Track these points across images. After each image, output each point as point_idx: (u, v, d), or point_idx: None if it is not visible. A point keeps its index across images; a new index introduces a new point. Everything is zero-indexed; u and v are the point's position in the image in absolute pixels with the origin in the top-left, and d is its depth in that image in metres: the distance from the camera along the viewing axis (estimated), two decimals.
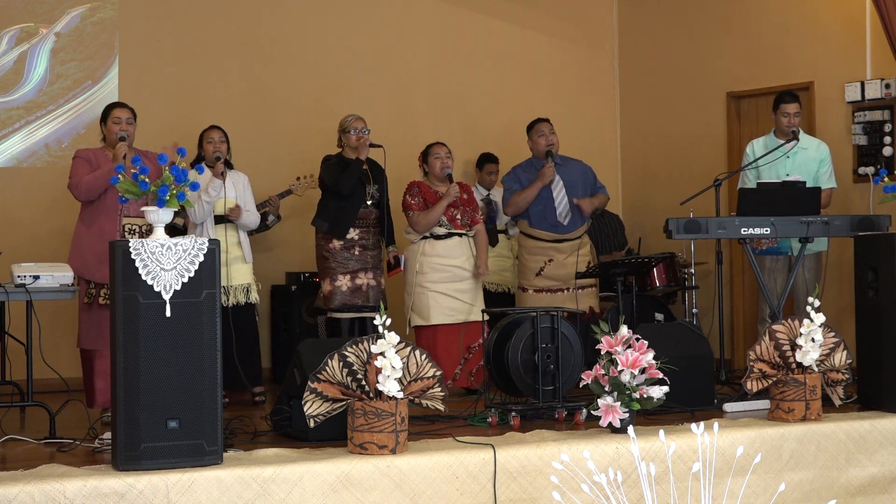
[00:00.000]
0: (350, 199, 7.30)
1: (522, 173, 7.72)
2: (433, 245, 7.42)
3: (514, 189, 7.70)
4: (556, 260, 7.62)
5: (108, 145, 6.52)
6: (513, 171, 7.81)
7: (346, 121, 7.42)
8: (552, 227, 7.66)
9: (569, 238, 7.69)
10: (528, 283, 7.75)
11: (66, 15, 8.33)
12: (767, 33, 8.87)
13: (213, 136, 7.19)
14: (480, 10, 9.69)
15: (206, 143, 7.20)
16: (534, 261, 7.71)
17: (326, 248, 7.34)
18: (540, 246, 7.67)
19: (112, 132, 6.47)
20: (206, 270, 4.74)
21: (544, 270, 7.64)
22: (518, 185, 7.69)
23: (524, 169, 7.75)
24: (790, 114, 7.37)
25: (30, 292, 5.88)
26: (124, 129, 6.44)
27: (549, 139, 7.70)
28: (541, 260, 7.67)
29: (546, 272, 7.63)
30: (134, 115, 6.55)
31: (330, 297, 7.30)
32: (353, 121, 7.38)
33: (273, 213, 8.21)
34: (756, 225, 6.63)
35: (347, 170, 7.26)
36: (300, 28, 9.08)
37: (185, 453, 4.65)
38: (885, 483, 5.73)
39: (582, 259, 7.71)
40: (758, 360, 5.79)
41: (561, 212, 7.66)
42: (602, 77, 10.12)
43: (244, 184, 7.29)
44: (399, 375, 4.88)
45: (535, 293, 7.69)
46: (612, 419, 5.30)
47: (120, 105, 6.64)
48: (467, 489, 4.94)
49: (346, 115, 7.46)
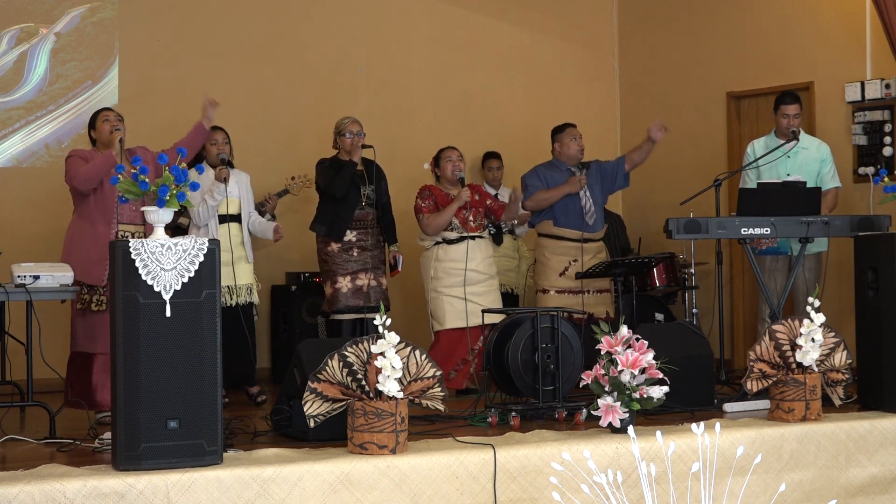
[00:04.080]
0: (345, 202, 7.30)
1: (546, 172, 7.68)
2: (446, 250, 7.41)
3: (538, 186, 7.64)
4: (579, 261, 7.58)
5: (101, 146, 6.55)
6: (535, 170, 7.74)
7: (341, 123, 7.40)
8: (579, 226, 7.63)
9: (594, 238, 7.68)
10: (550, 284, 7.66)
11: (66, 15, 8.33)
12: (767, 33, 8.87)
13: (216, 138, 7.19)
14: (480, 10, 9.69)
15: (209, 145, 7.21)
16: (558, 261, 7.65)
17: (326, 251, 7.35)
18: (566, 246, 7.62)
19: (104, 130, 6.51)
20: (206, 270, 4.74)
21: (568, 271, 7.61)
22: (542, 183, 7.65)
23: (548, 168, 7.72)
24: (790, 115, 7.37)
25: (30, 292, 5.88)
26: (115, 125, 6.50)
27: (579, 143, 7.68)
28: (565, 260, 7.62)
29: (570, 273, 7.61)
30: (121, 118, 6.59)
31: (333, 300, 7.30)
32: (348, 123, 7.37)
33: (269, 213, 8.22)
34: (756, 225, 6.63)
35: (340, 173, 7.26)
36: (300, 28, 9.08)
37: (185, 453, 4.65)
38: (885, 483, 5.73)
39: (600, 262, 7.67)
40: (758, 360, 5.79)
41: (588, 213, 7.64)
42: (602, 77, 10.12)
43: (247, 184, 7.30)
44: (399, 375, 4.88)
45: (558, 294, 7.62)
46: (612, 419, 5.30)
47: (105, 109, 6.75)
48: (467, 489, 4.94)
49: (342, 118, 7.43)
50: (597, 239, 7.74)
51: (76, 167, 6.40)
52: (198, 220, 7.02)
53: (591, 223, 7.65)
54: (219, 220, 7.06)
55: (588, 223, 7.64)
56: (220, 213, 7.06)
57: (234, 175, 7.17)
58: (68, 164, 6.49)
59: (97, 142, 6.60)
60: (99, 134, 6.56)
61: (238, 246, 7.12)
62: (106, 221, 6.42)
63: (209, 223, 7.03)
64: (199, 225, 7.05)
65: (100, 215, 6.41)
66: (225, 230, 7.04)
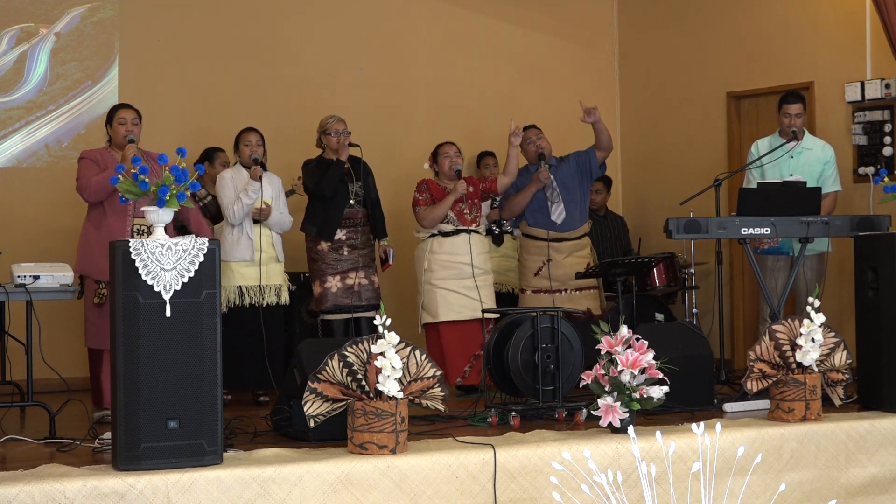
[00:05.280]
0: (334, 201, 7.30)
1: (518, 178, 7.73)
2: (441, 242, 7.44)
3: (508, 193, 7.73)
4: (554, 260, 7.62)
5: (115, 146, 6.53)
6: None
7: (326, 122, 7.40)
8: (548, 226, 7.66)
9: (567, 238, 7.69)
10: (527, 284, 7.77)
11: (66, 15, 8.32)
12: (767, 33, 8.87)
13: (250, 139, 7.23)
14: (480, 10, 9.69)
15: (242, 146, 7.24)
16: (532, 261, 7.73)
17: (315, 251, 7.35)
18: (538, 245, 7.68)
19: (119, 134, 6.49)
20: (207, 270, 4.74)
21: (542, 271, 7.64)
22: (513, 189, 7.71)
23: (519, 174, 7.76)
24: (791, 114, 7.37)
25: (30, 292, 5.88)
26: (130, 130, 6.46)
27: (537, 144, 7.72)
28: (539, 260, 7.67)
29: (544, 273, 7.63)
30: (139, 115, 6.56)
31: (321, 300, 7.31)
32: (333, 122, 7.37)
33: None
34: (756, 225, 6.63)
35: (328, 172, 7.26)
36: (300, 28, 9.07)
37: (185, 453, 4.65)
38: (885, 483, 5.73)
39: (581, 260, 7.72)
40: (758, 360, 5.79)
41: (553, 211, 7.67)
42: (602, 77, 10.12)
43: (278, 186, 7.32)
44: (399, 375, 4.88)
45: (534, 294, 7.69)
46: (612, 419, 5.30)
47: (125, 106, 6.66)
48: (467, 489, 4.94)
49: (327, 117, 7.43)
50: (571, 238, 7.73)
51: (86, 176, 6.36)
52: (233, 218, 7.08)
53: (558, 221, 7.66)
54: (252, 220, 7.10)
55: (555, 221, 7.65)
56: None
57: (266, 177, 7.20)
58: (80, 167, 6.46)
59: (112, 140, 6.58)
60: (114, 134, 6.54)
61: (269, 246, 7.18)
62: (121, 217, 6.40)
63: (244, 222, 7.06)
64: (233, 224, 7.10)
65: (114, 211, 6.38)
66: (256, 230, 7.08)
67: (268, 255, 7.16)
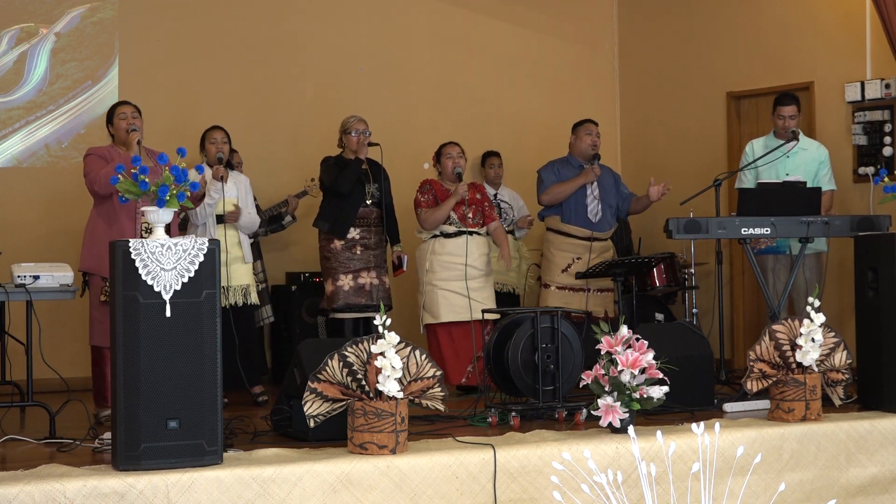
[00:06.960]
0: (349, 199, 7.31)
1: (561, 168, 7.74)
2: (443, 243, 7.44)
3: (552, 180, 7.70)
4: (583, 259, 7.60)
5: (119, 143, 6.54)
6: (550, 164, 7.81)
7: (347, 122, 7.42)
8: (586, 224, 7.65)
9: (601, 238, 7.69)
10: (552, 280, 7.70)
11: (66, 15, 8.33)
12: (767, 33, 8.87)
13: (215, 137, 7.18)
14: (480, 10, 9.69)
15: (208, 144, 7.19)
16: (562, 256, 7.68)
17: (328, 249, 7.34)
18: (571, 242, 7.66)
19: (121, 128, 6.50)
20: (206, 270, 4.74)
21: (571, 267, 7.63)
22: (556, 177, 7.70)
23: (562, 165, 7.77)
24: (785, 116, 7.39)
25: (30, 292, 5.88)
26: (132, 122, 6.47)
27: (593, 139, 7.72)
28: (569, 257, 7.65)
29: (572, 270, 7.63)
30: (139, 111, 6.57)
31: (332, 298, 7.30)
32: (354, 122, 7.38)
33: (290, 214, 8.27)
34: (756, 225, 6.63)
35: (346, 169, 7.27)
36: (300, 28, 9.08)
37: (185, 453, 4.65)
38: (885, 483, 5.73)
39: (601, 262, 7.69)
40: (758, 360, 5.79)
41: (592, 209, 7.66)
42: (602, 77, 10.12)
43: (245, 186, 7.28)
44: (399, 375, 4.88)
45: (559, 290, 7.66)
46: (612, 419, 5.30)
47: (123, 103, 6.70)
48: (467, 489, 4.94)
49: (349, 117, 7.45)
50: (604, 238, 7.75)
51: (95, 170, 6.36)
52: (195, 218, 7.01)
53: (595, 221, 7.66)
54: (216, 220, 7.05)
55: (593, 221, 7.65)
56: (217, 212, 7.04)
57: (233, 176, 7.16)
58: (87, 164, 6.46)
59: (115, 138, 6.58)
60: (116, 130, 6.55)
61: (234, 246, 7.10)
62: (129, 215, 6.39)
63: (206, 222, 7.02)
64: (196, 224, 7.04)
65: (122, 208, 6.36)
66: (221, 230, 7.02)
67: (232, 255, 7.07)
